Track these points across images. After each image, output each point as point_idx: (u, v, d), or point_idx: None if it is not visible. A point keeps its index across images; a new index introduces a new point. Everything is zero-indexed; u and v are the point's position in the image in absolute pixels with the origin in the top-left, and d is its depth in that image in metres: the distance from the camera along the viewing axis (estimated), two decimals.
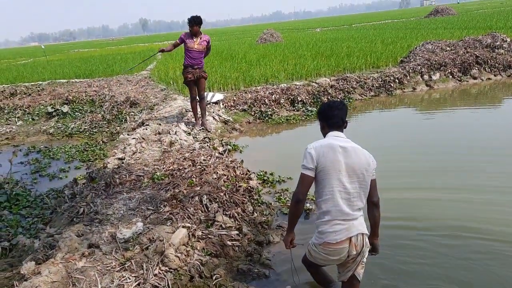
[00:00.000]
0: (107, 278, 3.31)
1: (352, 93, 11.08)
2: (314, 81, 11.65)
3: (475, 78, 11.96)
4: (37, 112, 11.26)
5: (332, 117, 3.01)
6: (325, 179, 2.81)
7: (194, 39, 7.53)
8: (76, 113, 11.04)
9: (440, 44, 13.48)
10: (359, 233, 2.87)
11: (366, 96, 11.18)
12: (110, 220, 4.24)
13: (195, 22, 7.44)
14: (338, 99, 3.31)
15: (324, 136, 3.06)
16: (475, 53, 12.38)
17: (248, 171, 5.88)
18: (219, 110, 9.59)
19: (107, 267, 3.45)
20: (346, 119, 3.09)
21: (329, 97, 10.49)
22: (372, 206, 2.97)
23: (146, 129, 7.87)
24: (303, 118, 9.51)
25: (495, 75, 12.13)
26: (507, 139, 7.00)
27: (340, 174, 2.79)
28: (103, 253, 3.63)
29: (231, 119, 9.26)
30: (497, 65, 12.22)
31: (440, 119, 8.75)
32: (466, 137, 7.29)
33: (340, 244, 2.84)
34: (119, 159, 6.35)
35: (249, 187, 5.27)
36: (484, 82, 11.87)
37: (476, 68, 12.15)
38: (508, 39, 13.36)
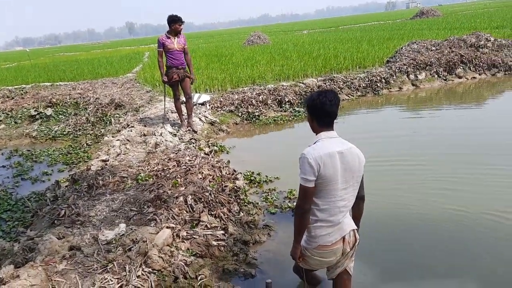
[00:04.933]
0: (88, 280, 3.22)
1: (340, 93, 11.05)
2: (301, 81, 11.63)
3: (460, 77, 12.05)
4: (20, 115, 11.04)
5: (325, 115, 2.73)
6: (323, 190, 2.68)
7: (173, 40, 7.44)
8: (60, 116, 10.85)
9: (425, 44, 13.57)
10: (351, 230, 2.84)
11: (353, 96, 11.19)
12: (92, 222, 4.14)
13: (179, 20, 7.37)
14: (331, 91, 2.89)
15: (315, 131, 2.83)
16: (460, 52, 12.48)
17: (235, 171, 5.81)
18: (205, 111, 9.51)
19: (89, 269, 3.35)
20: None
21: None
22: (358, 200, 2.89)
23: (131, 131, 7.75)
24: (290, 118, 9.47)
25: (479, 74, 12.22)
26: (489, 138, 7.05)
27: (339, 182, 2.67)
28: (85, 255, 3.53)
29: (218, 120, 9.18)
30: (481, 64, 12.32)
31: (427, 118, 8.79)
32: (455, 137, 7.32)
33: (335, 245, 2.79)
34: (103, 161, 6.23)
35: (235, 187, 5.20)
36: (469, 81, 11.96)
37: (461, 67, 12.24)
38: (492, 38, 13.50)
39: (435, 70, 12.04)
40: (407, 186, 5.32)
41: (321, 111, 2.73)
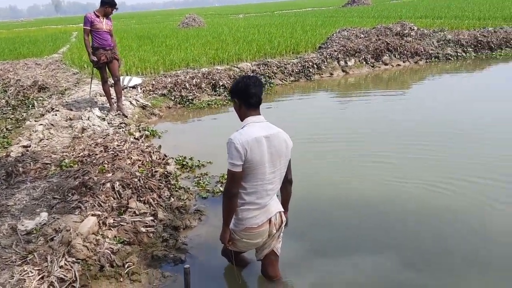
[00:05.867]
0: (6, 273, 3.05)
1: (273, 78, 11.19)
2: (235, 65, 11.62)
3: (386, 64, 12.64)
4: None
5: (251, 96, 2.78)
6: (250, 174, 2.72)
7: (101, 19, 7.15)
8: None
9: (355, 31, 14.03)
10: (277, 212, 2.91)
11: (287, 81, 11.35)
12: (11, 212, 3.91)
13: (115, 6, 7.28)
14: (253, 75, 3.05)
15: (241, 117, 2.88)
16: (386, 40, 13.05)
17: (166, 156, 5.72)
18: (136, 95, 9.22)
19: (6, 261, 3.18)
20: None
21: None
22: (286, 183, 2.99)
23: (56, 115, 7.35)
24: (225, 102, 9.44)
25: (403, 62, 12.88)
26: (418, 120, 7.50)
27: (265, 166, 2.73)
28: (2, 247, 3.35)
29: (150, 104, 8.95)
30: (405, 52, 12.98)
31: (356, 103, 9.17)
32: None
33: (261, 227, 2.86)
34: (24, 146, 5.88)
35: (166, 172, 5.13)
36: (394, 68, 12.58)
37: (387, 55, 12.83)
38: (415, 28, 14.25)
39: (363, 57, 12.52)
40: (340, 165, 5.58)
41: (246, 93, 2.79)
